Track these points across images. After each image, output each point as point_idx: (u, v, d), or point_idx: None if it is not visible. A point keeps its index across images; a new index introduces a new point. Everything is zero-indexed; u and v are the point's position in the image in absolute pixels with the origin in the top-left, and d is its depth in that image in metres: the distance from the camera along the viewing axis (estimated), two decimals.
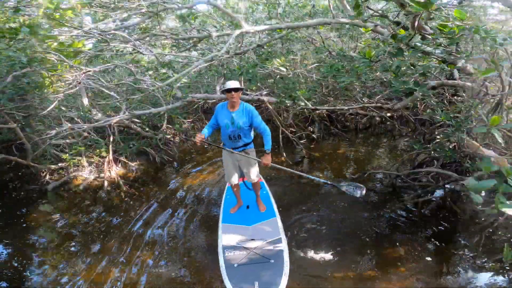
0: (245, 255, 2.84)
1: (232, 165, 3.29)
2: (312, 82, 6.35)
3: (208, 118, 9.80)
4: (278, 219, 3.36)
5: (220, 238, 3.11)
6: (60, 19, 2.07)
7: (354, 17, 2.57)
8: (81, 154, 5.54)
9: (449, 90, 5.64)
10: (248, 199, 3.72)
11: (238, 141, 3.07)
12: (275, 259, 2.75)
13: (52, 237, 3.79)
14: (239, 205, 3.61)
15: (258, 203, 3.59)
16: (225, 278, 2.61)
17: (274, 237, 3.05)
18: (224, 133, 3.09)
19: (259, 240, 3.02)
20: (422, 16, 2.70)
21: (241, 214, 3.53)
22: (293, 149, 6.31)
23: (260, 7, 7.26)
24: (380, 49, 2.76)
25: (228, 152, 3.19)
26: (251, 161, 3.22)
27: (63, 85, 2.76)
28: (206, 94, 5.54)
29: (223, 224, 3.34)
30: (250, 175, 3.29)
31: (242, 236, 3.11)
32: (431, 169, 4.08)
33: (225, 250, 2.93)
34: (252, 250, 2.89)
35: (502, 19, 5.41)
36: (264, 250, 2.88)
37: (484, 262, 2.85)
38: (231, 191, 3.80)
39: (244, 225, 3.31)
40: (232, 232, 3.19)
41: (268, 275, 2.59)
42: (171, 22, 8.50)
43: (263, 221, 3.35)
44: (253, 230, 3.22)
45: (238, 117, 2.96)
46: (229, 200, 3.80)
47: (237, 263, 2.75)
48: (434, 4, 1.52)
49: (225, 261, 2.79)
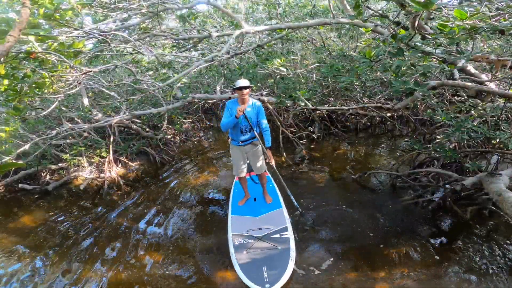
0: (254, 243, 3.03)
1: (241, 158, 3.53)
2: (312, 82, 6.35)
3: (208, 118, 9.83)
4: (284, 209, 3.57)
5: (229, 228, 3.32)
6: (60, 20, 2.07)
7: (354, 17, 2.56)
8: (82, 154, 5.55)
9: (449, 90, 5.64)
10: (255, 192, 3.98)
11: (249, 133, 3.40)
12: (282, 246, 2.94)
13: (52, 237, 3.79)
14: (246, 197, 3.84)
15: (264, 195, 3.84)
16: (235, 264, 2.79)
17: (280, 226, 3.26)
18: (236, 128, 3.34)
19: (267, 229, 3.23)
20: (422, 16, 2.70)
21: (248, 206, 3.74)
22: (293, 149, 6.31)
23: (260, 7, 7.27)
24: (380, 49, 2.76)
25: (237, 146, 3.47)
26: (258, 153, 3.52)
27: (63, 85, 2.76)
28: (206, 94, 5.54)
29: (232, 216, 3.55)
30: (257, 167, 3.57)
31: (250, 225, 3.31)
32: (432, 169, 4.09)
33: (235, 239, 3.13)
34: (260, 238, 3.08)
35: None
36: (272, 238, 3.08)
37: (484, 262, 2.84)
38: (239, 185, 4.06)
39: (252, 216, 3.51)
40: (240, 223, 3.40)
41: (276, 260, 2.77)
42: (171, 22, 8.50)
43: (269, 212, 3.56)
44: (260, 220, 3.43)
45: (249, 111, 3.25)
46: (237, 194, 4.05)
47: (246, 250, 2.95)
48: (434, 4, 1.52)
49: (234, 248, 2.99)
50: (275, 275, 2.59)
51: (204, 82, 8.56)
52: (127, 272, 3.04)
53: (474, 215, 3.49)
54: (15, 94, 2.25)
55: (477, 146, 4.04)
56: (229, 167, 5.75)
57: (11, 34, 1.26)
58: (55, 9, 1.98)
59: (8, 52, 1.30)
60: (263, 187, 3.84)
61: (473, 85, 3.17)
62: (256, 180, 4.05)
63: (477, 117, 4.16)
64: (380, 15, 3.51)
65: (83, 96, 5.90)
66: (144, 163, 6.19)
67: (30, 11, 1.42)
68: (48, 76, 2.34)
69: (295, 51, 6.62)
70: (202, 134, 8.39)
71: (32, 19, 1.88)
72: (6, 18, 1.72)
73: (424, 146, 4.11)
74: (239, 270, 2.70)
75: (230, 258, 2.97)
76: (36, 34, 1.87)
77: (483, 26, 1.70)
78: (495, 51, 4.70)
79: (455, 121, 3.43)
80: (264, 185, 3.83)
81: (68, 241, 3.66)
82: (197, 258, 3.18)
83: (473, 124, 3.47)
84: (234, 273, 2.88)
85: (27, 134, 5.10)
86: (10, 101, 2.31)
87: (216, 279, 2.87)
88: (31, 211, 4.53)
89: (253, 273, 2.64)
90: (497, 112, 3.71)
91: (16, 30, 1.28)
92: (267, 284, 2.50)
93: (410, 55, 2.18)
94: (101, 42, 3.81)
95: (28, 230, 4.01)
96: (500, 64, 2.75)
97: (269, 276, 2.59)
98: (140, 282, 2.91)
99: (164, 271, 3.02)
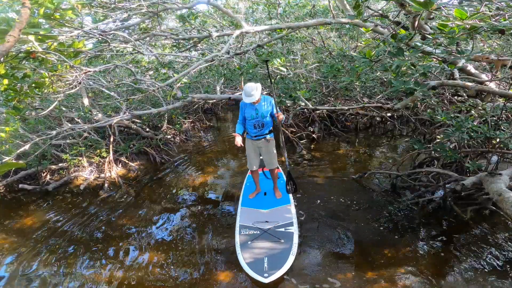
0: (259, 234, 3.15)
1: (254, 152, 3.73)
2: (312, 82, 6.35)
3: (208, 118, 9.83)
4: (292, 206, 3.67)
5: (238, 219, 3.47)
6: (60, 19, 2.07)
7: (354, 17, 2.56)
8: (82, 154, 5.55)
9: (449, 90, 5.64)
10: (266, 187, 4.12)
11: (261, 129, 3.57)
12: (285, 240, 3.04)
13: (52, 237, 3.79)
14: (257, 191, 3.99)
15: (275, 191, 3.95)
16: (238, 253, 2.91)
17: (286, 221, 3.36)
18: (249, 124, 3.57)
19: (273, 222, 3.34)
20: (422, 15, 2.70)
21: (258, 199, 3.88)
22: (293, 149, 6.31)
23: (260, 7, 7.27)
24: (380, 49, 2.76)
25: (251, 140, 3.67)
26: (270, 148, 3.68)
27: (63, 85, 2.76)
28: (207, 94, 5.53)
29: (242, 208, 3.70)
30: (269, 162, 3.73)
31: (257, 218, 3.46)
32: (432, 169, 4.09)
33: (242, 229, 3.27)
34: (265, 231, 3.20)
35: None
36: (276, 231, 3.18)
37: (484, 262, 2.84)
38: (251, 179, 4.27)
39: (260, 209, 3.65)
40: (249, 214, 3.55)
41: (277, 253, 2.88)
42: (171, 22, 8.51)
43: (278, 207, 3.68)
44: (268, 213, 3.55)
45: (261, 108, 3.47)
46: (249, 187, 4.22)
47: (250, 240, 3.07)
48: (434, 3, 1.51)
49: (240, 238, 3.12)
50: (274, 266, 2.69)
51: (204, 82, 8.56)
52: (128, 272, 3.04)
53: (474, 215, 3.49)
54: (15, 94, 2.25)
55: (477, 146, 4.04)
56: (229, 167, 5.75)
57: (11, 34, 1.26)
58: (55, 9, 1.98)
59: (8, 52, 1.30)
60: (274, 182, 3.98)
61: (473, 85, 3.17)
62: (268, 175, 4.22)
63: (477, 117, 4.17)
64: (380, 15, 3.51)
65: (83, 96, 5.90)
66: (144, 163, 6.19)
67: (30, 11, 1.42)
68: (48, 76, 2.34)
69: (295, 51, 6.62)
70: (202, 134, 8.40)
71: (32, 18, 1.88)
72: (6, 18, 1.72)
73: (424, 146, 4.11)
74: (241, 259, 2.82)
75: (229, 258, 3.02)
76: (36, 33, 1.87)
77: (483, 26, 1.70)
78: (495, 51, 4.71)
79: (455, 121, 3.43)
80: (275, 181, 3.96)
81: (68, 242, 3.66)
82: (198, 257, 3.18)
83: (473, 124, 3.47)
84: (234, 272, 2.89)
85: (27, 134, 5.10)
86: (10, 101, 2.31)
87: (216, 278, 2.87)
88: (31, 211, 4.53)
89: (254, 263, 2.76)
90: (497, 112, 3.71)
91: (16, 30, 1.28)
92: (265, 274, 2.61)
93: (410, 55, 2.18)
94: (101, 42, 3.81)
95: (28, 230, 4.01)
96: (500, 64, 2.75)
97: (269, 266, 2.70)
98: (140, 282, 2.91)
99: (165, 271, 3.02)
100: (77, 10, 2.18)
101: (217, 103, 11.14)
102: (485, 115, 3.76)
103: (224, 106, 11.77)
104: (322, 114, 7.25)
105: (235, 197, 4.36)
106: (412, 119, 6.88)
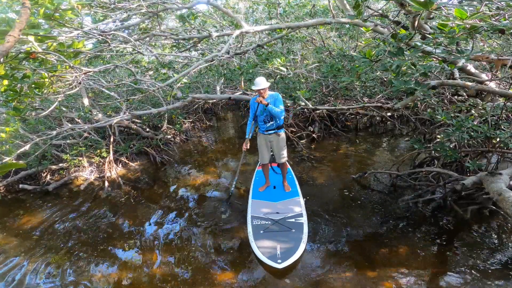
0: (270, 225, 3.30)
1: (266, 146, 3.89)
2: (312, 82, 6.35)
3: (208, 118, 9.83)
4: (301, 198, 3.83)
5: (249, 210, 3.63)
6: (60, 20, 2.07)
7: (354, 16, 2.56)
8: (82, 154, 5.55)
9: (449, 89, 5.64)
10: (275, 181, 4.27)
11: (270, 123, 3.72)
12: (296, 229, 3.19)
13: (52, 237, 3.79)
14: (267, 185, 4.17)
15: (284, 184, 4.12)
16: (251, 241, 3.06)
17: (296, 212, 3.52)
18: (259, 119, 3.75)
19: (283, 213, 3.50)
20: (422, 15, 2.70)
21: (268, 192, 4.05)
22: (293, 149, 6.31)
23: (260, 7, 7.27)
24: (380, 48, 2.76)
25: (263, 135, 3.83)
26: (280, 143, 3.81)
27: (63, 85, 2.76)
28: (206, 94, 5.53)
29: (253, 200, 3.87)
30: (279, 156, 3.86)
31: (268, 209, 3.61)
32: (432, 169, 4.08)
33: (253, 219, 3.41)
34: (276, 221, 3.35)
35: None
36: (287, 222, 3.34)
37: (484, 261, 2.84)
38: (260, 173, 4.50)
39: (270, 201, 3.80)
40: (259, 206, 3.70)
41: (289, 241, 3.02)
42: (171, 22, 8.51)
43: (287, 199, 3.82)
44: (278, 205, 3.70)
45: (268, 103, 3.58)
46: (259, 181, 4.41)
47: (262, 230, 3.22)
48: (434, 3, 1.51)
49: (252, 228, 3.26)
50: (287, 254, 2.83)
51: (204, 82, 8.56)
52: (128, 272, 3.04)
53: (474, 214, 3.49)
54: (15, 94, 2.25)
55: (478, 146, 4.04)
56: (229, 167, 5.75)
57: (11, 34, 1.26)
58: (55, 9, 1.98)
59: (8, 52, 1.30)
60: (283, 176, 4.11)
61: (473, 84, 3.17)
62: (277, 170, 4.38)
63: (477, 117, 4.16)
64: (380, 15, 3.51)
65: (83, 96, 5.90)
66: (144, 163, 6.19)
67: (30, 11, 1.42)
68: (48, 76, 2.34)
69: (295, 51, 6.62)
70: (202, 134, 8.40)
71: (32, 19, 1.87)
72: (6, 18, 1.72)
73: (424, 146, 4.11)
74: (254, 247, 2.96)
75: (230, 257, 3.08)
76: (36, 34, 1.87)
77: (483, 26, 1.70)
78: (495, 51, 4.70)
79: (455, 121, 3.43)
80: (285, 174, 4.10)
81: (69, 241, 3.66)
82: (198, 257, 3.18)
83: (473, 124, 3.47)
84: (234, 273, 2.89)
85: (27, 134, 5.11)
86: (10, 102, 2.31)
87: (216, 278, 2.87)
88: (32, 211, 4.53)
89: (267, 250, 2.90)
90: (497, 111, 3.70)
91: (16, 30, 1.28)
92: (279, 260, 2.74)
93: (410, 55, 2.18)
94: (101, 42, 3.81)
95: (28, 230, 4.01)
96: (500, 63, 2.74)
97: (281, 253, 2.83)
98: (141, 281, 2.91)
99: (166, 271, 3.02)
100: (76, 10, 2.18)
101: (217, 103, 11.13)
102: (485, 114, 3.76)
103: (224, 106, 11.78)
104: (322, 113, 7.25)
105: (237, 196, 4.36)
106: (412, 119, 6.87)
